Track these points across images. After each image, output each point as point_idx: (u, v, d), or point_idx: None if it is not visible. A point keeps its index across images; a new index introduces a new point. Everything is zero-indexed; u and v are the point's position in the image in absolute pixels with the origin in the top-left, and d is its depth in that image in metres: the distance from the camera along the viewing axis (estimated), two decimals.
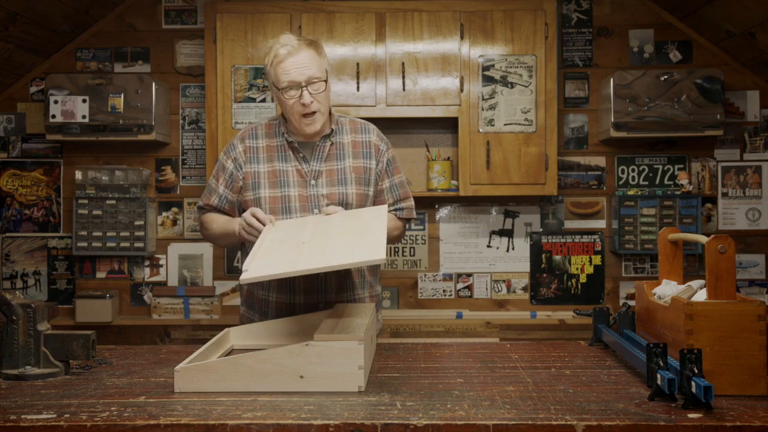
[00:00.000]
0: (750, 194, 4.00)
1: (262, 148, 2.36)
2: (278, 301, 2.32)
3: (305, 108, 2.25)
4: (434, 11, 3.69)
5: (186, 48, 4.03)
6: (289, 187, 2.31)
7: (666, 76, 3.67)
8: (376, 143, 2.40)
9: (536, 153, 3.67)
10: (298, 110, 2.26)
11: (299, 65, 2.25)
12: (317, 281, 2.31)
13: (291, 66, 2.24)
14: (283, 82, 2.25)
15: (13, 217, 4.04)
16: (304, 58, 2.26)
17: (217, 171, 2.41)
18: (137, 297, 4.03)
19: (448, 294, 4.03)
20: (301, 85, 2.24)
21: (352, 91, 3.67)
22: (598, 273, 4.02)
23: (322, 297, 2.31)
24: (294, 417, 1.48)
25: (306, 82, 2.24)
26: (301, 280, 2.30)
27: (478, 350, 2.15)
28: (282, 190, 2.31)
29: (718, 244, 1.66)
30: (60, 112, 3.67)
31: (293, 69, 2.24)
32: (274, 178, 2.32)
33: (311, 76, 2.25)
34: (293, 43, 2.26)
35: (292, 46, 2.26)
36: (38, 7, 3.47)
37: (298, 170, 2.33)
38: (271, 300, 2.32)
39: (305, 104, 2.25)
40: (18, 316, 1.84)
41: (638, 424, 1.43)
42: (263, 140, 2.37)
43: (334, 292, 2.32)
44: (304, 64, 2.25)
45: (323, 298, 2.31)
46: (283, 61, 2.25)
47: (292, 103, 2.26)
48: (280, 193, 2.30)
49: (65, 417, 1.49)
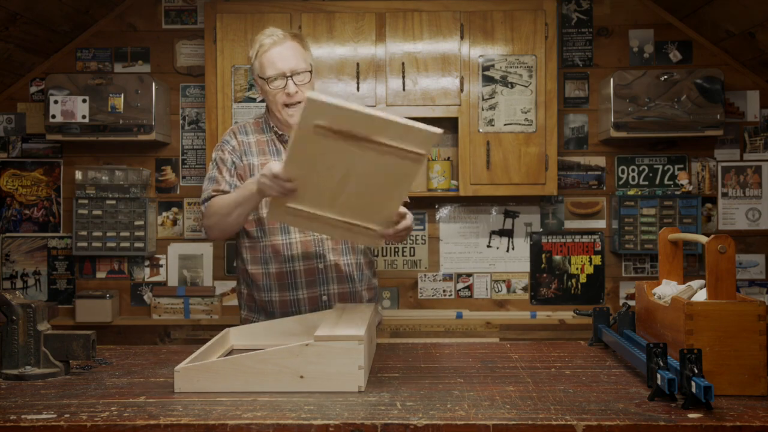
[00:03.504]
0: (750, 194, 4.00)
1: (253, 143, 2.38)
2: (282, 299, 2.33)
3: (289, 98, 2.27)
4: (434, 11, 3.69)
5: (186, 48, 4.03)
6: None
7: (666, 76, 3.67)
8: None
9: (536, 153, 3.67)
10: (282, 100, 2.28)
11: (284, 56, 2.26)
12: (318, 275, 2.33)
13: (276, 56, 2.26)
14: (268, 71, 2.26)
15: (13, 217, 4.04)
16: (289, 48, 2.27)
17: (216, 165, 2.37)
18: (137, 297, 4.03)
19: (448, 294, 4.03)
20: (285, 75, 2.26)
21: (352, 91, 3.67)
22: (598, 273, 4.02)
23: (324, 289, 2.33)
24: (294, 417, 1.48)
25: (291, 72, 2.26)
26: (302, 275, 2.31)
27: (478, 350, 2.15)
28: None
29: (718, 244, 1.66)
30: (60, 112, 3.67)
31: (278, 59, 2.26)
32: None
33: (296, 67, 2.27)
34: (278, 34, 2.28)
35: (277, 37, 2.28)
36: (38, 7, 3.47)
37: None
38: (275, 300, 2.34)
39: (290, 94, 2.27)
40: (18, 316, 1.84)
41: (638, 424, 1.43)
42: (253, 136, 2.39)
43: (335, 283, 2.34)
44: (289, 54, 2.27)
45: (325, 290, 2.34)
46: (268, 51, 2.26)
47: (276, 93, 2.28)
48: None
49: (65, 417, 1.49)
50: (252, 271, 2.36)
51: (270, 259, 2.33)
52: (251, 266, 2.37)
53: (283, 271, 2.33)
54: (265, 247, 2.34)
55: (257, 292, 2.37)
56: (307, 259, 2.33)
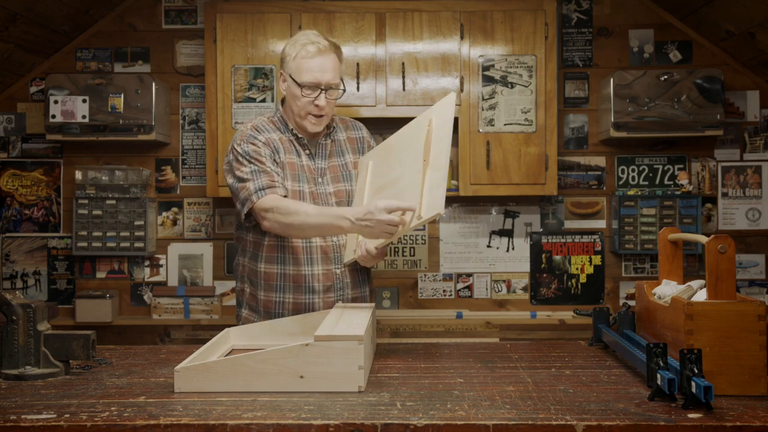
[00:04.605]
0: (750, 194, 4.00)
1: (278, 140, 2.32)
2: (296, 301, 2.31)
3: (318, 110, 2.27)
4: (434, 11, 3.69)
5: (186, 48, 4.03)
6: (303, 182, 2.32)
7: (666, 76, 3.67)
8: (368, 139, 2.51)
9: (536, 153, 3.67)
10: (309, 110, 2.27)
11: (324, 68, 2.25)
12: (335, 280, 2.33)
13: (317, 66, 2.24)
14: (304, 77, 2.25)
15: (13, 217, 4.04)
16: (330, 61, 2.27)
17: (252, 157, 2.22)
18: (137, 297, 4.03)
19: (448, 294, 4.03)
20: (320, 86, 2.25)
21: (352, 91, 3.67)
22: (598, 273, 4.02)
23: (340, 294, 2.34)
24: (294, 417, 1.48)
25: (326, 86, 2.26)
26: (320, 278, 2.31)
27: (478, 350, 2.15)
28: (299, 185, 2.31)
29: (718, 244, 1.66)
30: (60, 112, 3.67)
31: (318, 70, 2.24)
32: (293, 170, 2.31)
33: (331, 82, 2.27)
34: (323, 44, 2.27)
35: (323, 46, 2.26)
36: (38, 7, 3.47)
37: (308, 166, 2.34)
38: (288, 301, 2.32)
39: (319, 106, 2.26)
40: (18, 316, 1.84)
41: (638, 424, 1.43)
42: (275, 134, 2.34)
43: (350, 288, 2.36)
44: (329, 67, 2.26)
45: (341, 295, 2.34)
46: (311, 58, 2.24)
47: (306, 101, 2.26)
48: (298, 188, 2.30)
49: (65, 417, 1.49)
50: (266, 270, 2.33)
51: (289, 260, 2.31)
52: (265, 265, 2.33)
53: (301, 274, 2.31)
54: (285, 248, 2.31)
55: (265, 291, 2.34)
56: (326, 263, 2.32)
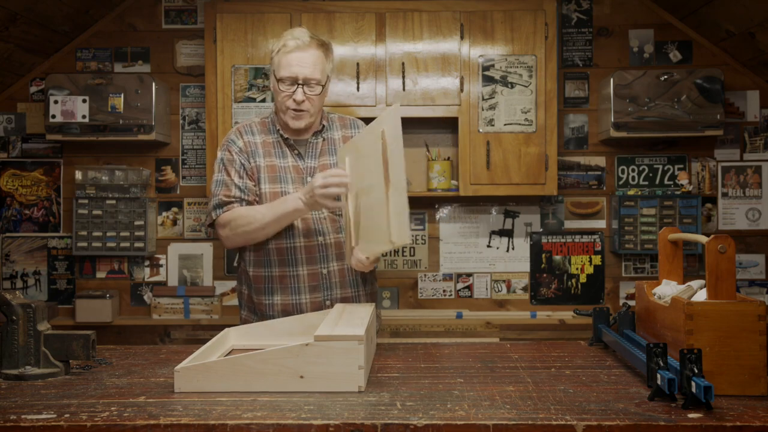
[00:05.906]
0: (750, 194, 4.00)
1: (259, 144, 2.36)
2: (284, 302, 2.32)
3: (296, 104, 2.27)
4: (434, 11, 3.69)
5: (186, 48, 4.03)
6: (287, 183, 2.32)
7: (666, 76, 3.67)
8: None
9: (536, 153, 3.67)
10: (288, 104, 2.28)
11: (303, 62, 2.26)
12: (321, 279, 2.32)
13: (294, 60, 2.25)
14: (282, 72, 2.27)
15: (13, 217, 4.04)
16: (310, 56, 2.27)
17: (224, 166, 2.32)
18: (137, 297, 4.02)
19: (448, 294, 4.03)
20: (297, 81, 2.26)
21: (352, 91, 3.67)
22: (598, 273, 4.02)
23: (327, 294, 2.33)
24: (294, 417, 1.48)
25: (303, 81, 2.26)
26: (305, 279, 2.31)
27: (478, 350, 2.15)
28: (281, 186, 2.31)
29: (718, 244, 1.66)
30: (60, 112, 3.67)
31: (296, 64, 2.25)
32: (273, 173, 2.33)
33: (310, 76, 2.26)
34: (304, 39, 2.27)
35: (303, 42, 2.27)
36: (38, 7, 3.47)
37: (294, 167, 2.34)
38: (276, 303, 2.32)
39: (297, 101, 2.27)
40: (18, 316, 1.84)
41: (638, 424, 1.43)
42: (259, 136, 2.37)
43: (338, 288, 2.34)
44: (308, 62, 2.26)
45: (328, 295, 2.33)
46: (289, 53, 2.26)
47: (285, 96, 2.28)
48: (279, 189, 2.31)
49: (65, 417, 1.49)
50: (254, 273, 2.35)
51: (274, 262, 2.32)
52: (253, 268, 2.35)
53: (287, 275, 2.32)
54: (270, 250, 2.32)
55: (256, 294, 2.36)
56: (311, 264, 2.32)
